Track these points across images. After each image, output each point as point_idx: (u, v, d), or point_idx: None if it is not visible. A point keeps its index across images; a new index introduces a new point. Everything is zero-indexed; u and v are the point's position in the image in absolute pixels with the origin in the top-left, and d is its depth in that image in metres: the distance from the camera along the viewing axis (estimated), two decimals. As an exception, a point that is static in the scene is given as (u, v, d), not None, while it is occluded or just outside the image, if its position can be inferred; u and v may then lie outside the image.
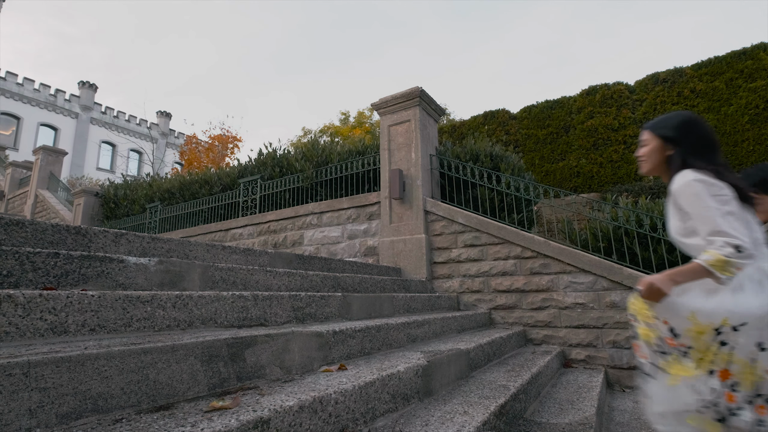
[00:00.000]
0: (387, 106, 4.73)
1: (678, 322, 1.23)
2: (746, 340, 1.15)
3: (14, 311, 1.12)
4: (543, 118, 9.13)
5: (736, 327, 1.17)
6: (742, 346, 1.16)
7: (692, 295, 1.25)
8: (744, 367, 1.15)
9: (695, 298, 1.24)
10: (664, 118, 1.46)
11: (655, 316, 1.27)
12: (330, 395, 1.22)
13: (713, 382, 1.17)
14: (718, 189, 1.25)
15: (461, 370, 2.16)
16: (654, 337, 1.28)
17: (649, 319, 1.29)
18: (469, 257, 4.08)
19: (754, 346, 1.15)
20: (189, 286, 1.94)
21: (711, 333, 1.19)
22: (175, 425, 0.92)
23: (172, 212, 7.66)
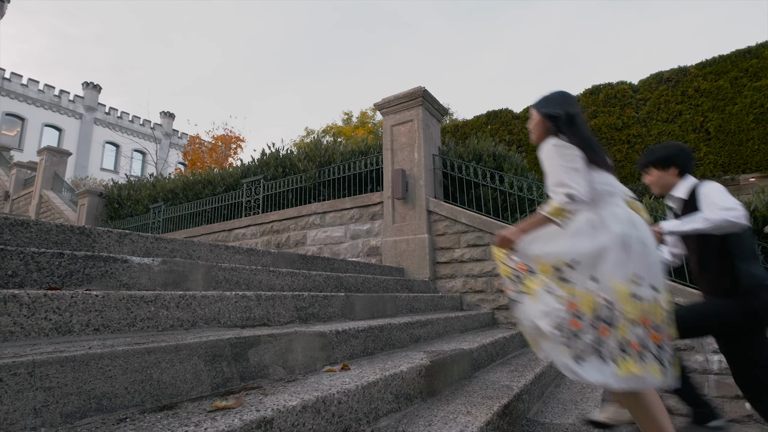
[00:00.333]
0: (390, 106, 4.73)
1: (532, 265, 1.47)
2: (582, 275, 1.38)
3: (19, 311, 1.13)
4: (546, 118, 9.12)
5: (571, 265, 1.41)
6: (578, 281, 1.38)
7: (535, 240, 1.49)
8: (584, 298, 1.36)
9: (537, 244, 1.48)
10: (545, 97, 1.70)
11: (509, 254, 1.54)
12: (333, 395, 1.22)
13: (561, 311, 1.38)
14: (568, 150, 1.48)
15: (464, 370, 2.15)
16: (511, 270, 1.52)
17: (505, 259, 1.56)
18: (472, 257, 4.08)
19: (589, 280, 1.37)
20: (192, 286, 1.94)
21: (552, 271, 1.42)
22: (179, 425, 0.92)
23: (176, 212, 7.69)
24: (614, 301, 1.34)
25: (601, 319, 1.34)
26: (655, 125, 8.01)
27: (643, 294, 1.35)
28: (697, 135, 7.67)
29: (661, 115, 7.99)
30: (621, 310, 1.33)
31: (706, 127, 7.66)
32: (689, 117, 7.76)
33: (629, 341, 1.32)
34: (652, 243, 1.44)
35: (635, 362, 1.31)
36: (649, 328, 1.34)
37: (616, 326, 1.33)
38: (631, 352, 1.31)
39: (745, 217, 1.72)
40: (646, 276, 1.37)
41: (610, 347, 1.33)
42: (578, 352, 1.35)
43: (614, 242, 1.38)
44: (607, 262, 1.37)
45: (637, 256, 1.37)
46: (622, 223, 1.41)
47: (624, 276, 1.35)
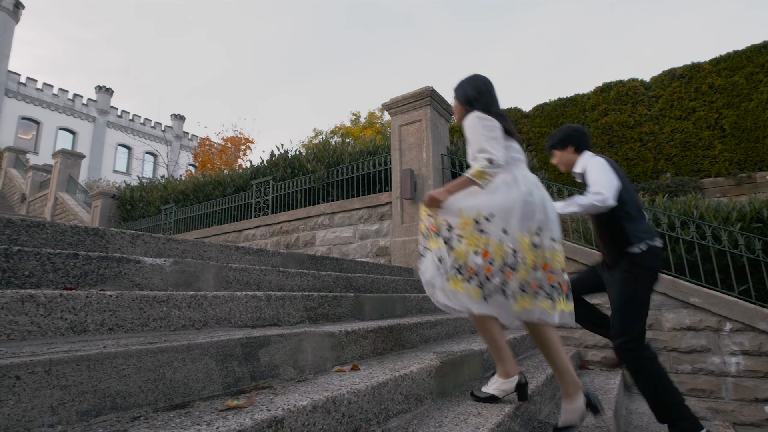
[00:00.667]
0: (398, 106, 4.72)
1: (452, 219, 1.67)
2: (495, 227, 1.59)
3: (36, 311, 1.15)
4: (556, 116, 9.02)
5: (488, 218, 1.61)
6: (493, 232, 1.59)
7: (459, 198, 1.69)
8: (496, 247, 1.57)
9: (461, 200, 1.68)
10: (461, 83, 1.90)
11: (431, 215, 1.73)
12: (343, 395, 1.22)
13: (478, 260, 1.58)
14: (488, 122, 1.68)
15: (475, 371, 2.14)
16: (425, 228, 1.75)
17: (425, 218, 1.75)
18: (482, 257, 4.06)
19: (501, 231, 1.58)
20: (203, 286, 1.96)
21: (472, 223, 1.62)
22: (191, 423, 0.93)
23: (187, 213, 7.77)
24: (518, 249, 1.57)
25: (508, 265, 1.57)
26: (668, 122, 7.88)
27: (542, 243, 1.59)
28: (711, 132, 7.53)
29: (674, 112, 7.86)
30: (522, 257, 1.56)
31: (720, 124, 7.52)
32: (703, 114, 7.62)
33: (529, 282, 1.57)
34: (549, 201, 1.69)
35: (530, 299, 1.57)
36: (547, 272, 1.59)
37: (518, 270, 1.57)
38: (529, 291, 1.57)
39: (613, 197, 2.00)
40: (545, 229, 1.61)
41: (512, 288, 1.57)
42: (488, 292, 1.58)
43: (522, 200, 1.61)
44: (515, 216, 1.59)
45: (539, 213, 1.61)
46: (528, 184, 1.66)
47: (527, 228, 1.59)
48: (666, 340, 3.16)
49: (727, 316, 2.99)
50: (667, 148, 7.75)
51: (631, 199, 2.11)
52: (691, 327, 3.10)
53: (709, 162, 7.63)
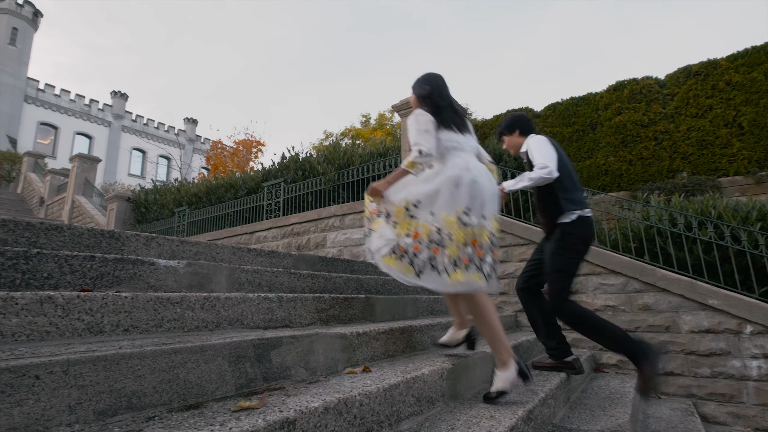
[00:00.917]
0: (408, 107, 4.72)
1: (389, 207, 1.90)
2: (423, 211, 1.80)
3: (54, 311, 1.17)
4: (568, 116, 8.92)
5: (415, 204, 1.82)
6: (421, 216, 1.80)
7: (395, 189, 1.89)
8: (424, 228, 1.78)
9: (395, 192, 1.89)
10: (417, 80, 2.09)
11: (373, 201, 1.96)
12: (354, 397, 1.22)
13: (408, 240, 1.80)
14: (422, 117, 1.88)
15: (488, 374, 2.12)
16: (368, 213, 1.99)
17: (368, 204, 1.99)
18: (494, 258, 4.02)
19: (429, 214, 1.78)
20: (216, 287, 1.98)
21: (404, 211, 1.85)
22: (205, 424, 0.94)
23: (200, 216, 7.87)
24: (443, 228, 1.75)
25: (434, 242, 1.76)
26: (683, 121, 7.73)
27: (471, 222, 1.75)
28: (729, 130, 7.37)
29: (690, 110, 7.71)
30: (449, 235, 1.73)
31: (738, 121, 7.34)
32: (720, 111, 7.46)
33: (460, 257, 1.72)
34: (486, 183, 1.84)
35: (462, 272, 1.70)
36: (476, 247, 1.74)
37: (446, 246, 1.73)
38: (461, 265, 1.71)
39: (556, 169, 2.21)
40: (474, 208, 1.76)
41: (442, 262, 1.73)
42: (420, 267, 1.77)
43: (447, 183, 1.79)
44: (440, 200, 1.78)
45: (467, 193, 1.76)
46: (457, 168, 1.81)
47: (454, 209, 1.75)
48: (684, 342, 3.10)
49: (747, 319, 2.91)
50: (683, 147, 7.61)
51: (566, 172, 2.32)
52: (710, 329, 3.03)
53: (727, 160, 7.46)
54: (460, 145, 1.92)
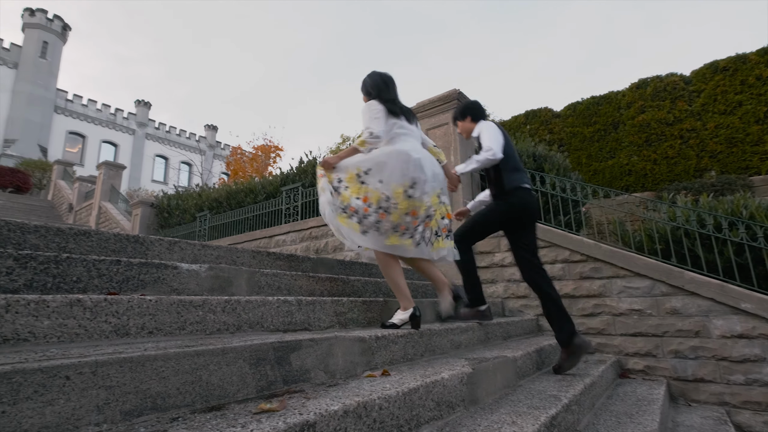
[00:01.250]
0: (424, 110, 4.71)
1: (342, 175, 2.17)
2: (373, 178, 2.06)
3: (83, 314, 1.21)
4: (589, 115, 8.74)
5: (366, 172, 2.09)
6: (371, 182, 2.06)
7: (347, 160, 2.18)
8: (373, 194, 2.04)
9: (347, 161, 2.17)
10: (365, 78, 2.42)
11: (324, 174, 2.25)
12: (374, 401, 1.21)
13: (358, 202, 2.06)
14: (374, 107, 2.20)
15: (508, 379, 2.08)
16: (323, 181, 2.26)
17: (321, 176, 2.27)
18: (512, 261, 3.96)
19: (378, 182, 2.05)
20: (237, 291, 2.01)
21: (355, 177, 2.11)
22: (227, 425, 0.95)
23: (220, 220, 8.02)
24: (391, 196, 2.02)
25: (382, 208, 2.03)
26: (711, 118, 7.47)
27: (414, 195, 2.04)
28: (760, 127, 7.08)
29: (717, 106, 7.45)
30: (395, 203, 2.02)
31: (770, 118, 7.06)
32: (751, 107, 7.18)
33: (400, 225, 2.04)
34: (428, 164, 2.16)
35: (398, 237, 2.05)
36: (414, 217, 2.06)
37: (391, 213, 2.02)
38: (399, 231, 2.05)
39: (500, 151, 2.51)
40: (418, 183, 2.05)
41: (385, 226, 2.04)
42: (366, 227, 2.05)
43: (396, 157, 2.09)
44: (388, 171, 2.05)
45: (414, 172, 2.06)
46: (408, 150, 2.12)
47: (401, 182, 2.03)
48: (715, 348, 2.98)
49: (783, 323, 2.78)
50: (711, 145, 7.35)
51: (511, 155, 2.63)
52: (743, 335, 2.90)
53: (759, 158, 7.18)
54: (408, 131, 2.27)
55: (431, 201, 2.14)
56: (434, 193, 2.17)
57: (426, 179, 2.10)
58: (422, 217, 2.10)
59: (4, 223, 1.62)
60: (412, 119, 2.36)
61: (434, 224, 2.17)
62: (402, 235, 2.06)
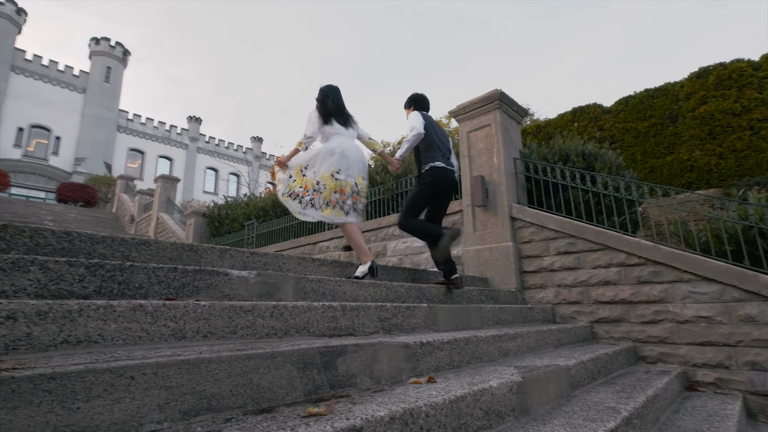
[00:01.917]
0: (465, 112, 4.64)
1: (291, 172, 2.94)
2: (310, 172, 2.84)
3: (144, 318, 1.29)
4: (643, 109, 8.23)
5: (305, 168, 2.88)
6: (309, 175, 2.84)
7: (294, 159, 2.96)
8: (310, 182, 2.82)
9: (294, 161, 2.96)
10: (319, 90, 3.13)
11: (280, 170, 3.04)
12: (420, 408, 1.19)
13: (299, 189, 2.85)
14: (312, 114, 2.95)
15: (561, 389, 1.98)
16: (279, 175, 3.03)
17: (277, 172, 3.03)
18: (564, 265, 3.79)
19: (312, 173, 2.82)
20: (284, 296, 2.06)
21: (299, 172, 2.89)
22: (277, 428, 0.97)
23: (267, 228, 8.32)
24: (321, 181, 2.81)
25: (315, 190, 2.81)
26: (784, 106, 6.79)
27: (339, 177, 2.82)
28: None
29: (792, 93, 6.75)
30: (324, 185, 2.80)
31: None
32: (832, 92, 6.45)
33: (331, 200, 2.79)
34: (352, 154, 2.92)
35: (330, 210, 2.78)
36: (341, 194, 2.80)
37: (322, 192, 2.79)
38: (330, 205, 2.78)
39: (422, 128, 3.14)
40: (342, 169, 2.84)
41: (319, 203, 2.80)
42: (305, 204, 2.85)
43: (324, 152, 2.87)
44: (319, 162, 2.86)
45: (338, 159, 2.84)
46: (333, 144, 2.89)
47: (328, 169, 2.82)
48: (799, 360, 2.67)
49: None
50: (786, 136, 6.67)
51: (429, 139, 3.21)
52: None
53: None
54: (339, 132, 3.00)
55: (357, 181, 2.95)
56: (359, 175, 2.98)
57: (349, 165, 2.90)
58: (348, 193, 2.87)
59: (77, 234, 1.77)
60: (347, 122, 3.10)
61: (364, 193, 3.02)
62: (333, 207, 2.83)
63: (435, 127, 3.31)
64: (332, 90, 3.11)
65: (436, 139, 3.23)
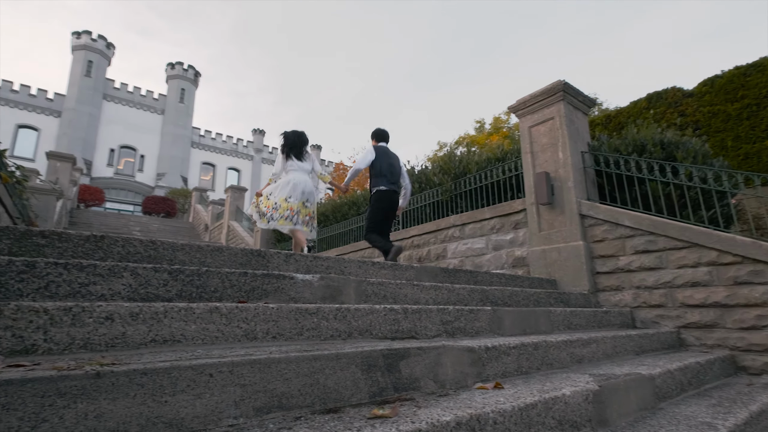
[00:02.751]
0: (525, 106, 4.45)
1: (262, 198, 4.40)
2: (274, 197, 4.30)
3: (220, 320, 1.38)
4: (733, 90, 7.35)
5: (270, 195, 4.34)
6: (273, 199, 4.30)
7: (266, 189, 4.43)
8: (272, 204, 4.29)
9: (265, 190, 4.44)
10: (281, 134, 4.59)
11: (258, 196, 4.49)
12: (488, 414, 1.15)
13: (265, 209, 4.31)
14: (279, 156, 4.51)
15: (644, 400, 1.82)
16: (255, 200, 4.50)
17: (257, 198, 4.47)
18: (643, 265, 3.48)
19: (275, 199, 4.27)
20: (346, 299, 2.11)
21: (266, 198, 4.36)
22: (344, 428, 0.99)
23: (328, 233, 8.58)
24: (277, 202, 4.23)
25: (274, 208, 4.23)
26: None
27: (291, 201, 4.22)
28: None
29: None
30: (280, 206, 4.22)
31: None
32: None
33: (284, 215, 4.20)
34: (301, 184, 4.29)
35: (283, 221, 4.21)
36: (291, 212, 4.19)
37: (279, 208, 4.21)
38: (284, 218, 4.20)
39: (363, 164, 4.17)
40: (294, 196, 4.23)
41: (275, 217, 4.21)
42: (268, 219, 4.25)
43: (282, 183, 4.29)
44: (278, 192, 4.25)
45: (291, 189, 4.24)
46: (289, 177, 4.30)
47: (283, 195, 4.22)
48: None
49: None
50: None
51: (377, 167, 4.15)
52: None
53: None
54: (295, 168, 4.36)
55: (299, 206, 4.27)
56: (301, 201, 4.27)
57: (301, 193, 4.29)
58: (295, 210, 4.24)
59: (160, 243, 1.94)
60: (303, 157, 4.46)
61: (302, 215, 4.28)
62: (286, 219, 4.21)
63: (387, 157, 4.26)
64: (293, 134, 4.49)
65: (384, 168, 4.17)
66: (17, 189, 6.07)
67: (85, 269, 1.41)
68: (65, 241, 1.69)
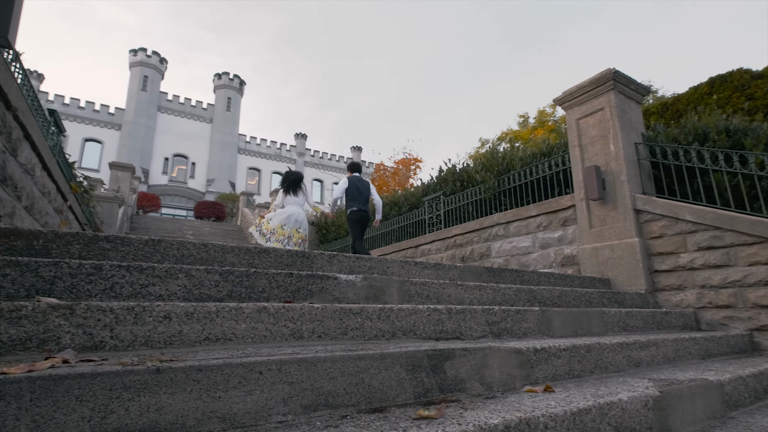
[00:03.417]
0: (572, 98, 4.26)
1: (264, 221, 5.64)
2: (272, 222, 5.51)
3: (268, 319, 1.43)
4: (808, 68, 6.62)
5: (270, 220, 5.57)
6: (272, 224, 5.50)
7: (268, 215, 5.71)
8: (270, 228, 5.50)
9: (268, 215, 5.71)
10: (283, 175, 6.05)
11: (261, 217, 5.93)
12: (538, 418, 1.11)
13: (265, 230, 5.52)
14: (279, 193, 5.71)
15: (712, 408, 1.68)
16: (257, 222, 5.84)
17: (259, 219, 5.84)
18: (708, 263, 3.22)
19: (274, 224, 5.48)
20: (389, 299, 2.11)
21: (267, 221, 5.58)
22: (390, 428, 0.99)
23: (368, 234, 8.64)
24: (275, 228, 5.40)
25: (272, 233, 5.41)
26: None
27: (285, 228, 5.39)
28: None
29: None
30: (276, 231, 5.39)
31: None
32: None
33: (279, 239, 5.36)
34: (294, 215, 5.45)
35: (275, 243, 5.33)
36: (284, 237, 5.37)
37: (276, 233, 5.38)
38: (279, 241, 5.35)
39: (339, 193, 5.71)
40: (288, 224, 5.40)
41: (272, 239, 5.37)
42: (265, 239, 5.39)
43: (279, 213, 5.48)
44: (276, 218, 5.44)
45: (286, 218, 5.40)
46: (285, 208, 5.51)
47: (279, 223, 5.40)
48: None
49: None
50: None
51: (351, 192, 5.56)
52: None
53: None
54: (291, 202, 5.48)
55: (292, 231, 5.30)
56: (294, 228, 5.33)
57: (294, 222, 5.34)
58: (287, 235, 5.26)
59: (212, 246, 2.04)
60: (297, 192, 5.55)
61: (295, 239, 5.32)
62: (278, 241, 5.21)
63: (357, 184, 5.58)
64: (290, 174, 5.69)
65: (356, 193, 5.53)
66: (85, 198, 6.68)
67: (145, 271, 1.51)
68: (127, 245, 1.82)
